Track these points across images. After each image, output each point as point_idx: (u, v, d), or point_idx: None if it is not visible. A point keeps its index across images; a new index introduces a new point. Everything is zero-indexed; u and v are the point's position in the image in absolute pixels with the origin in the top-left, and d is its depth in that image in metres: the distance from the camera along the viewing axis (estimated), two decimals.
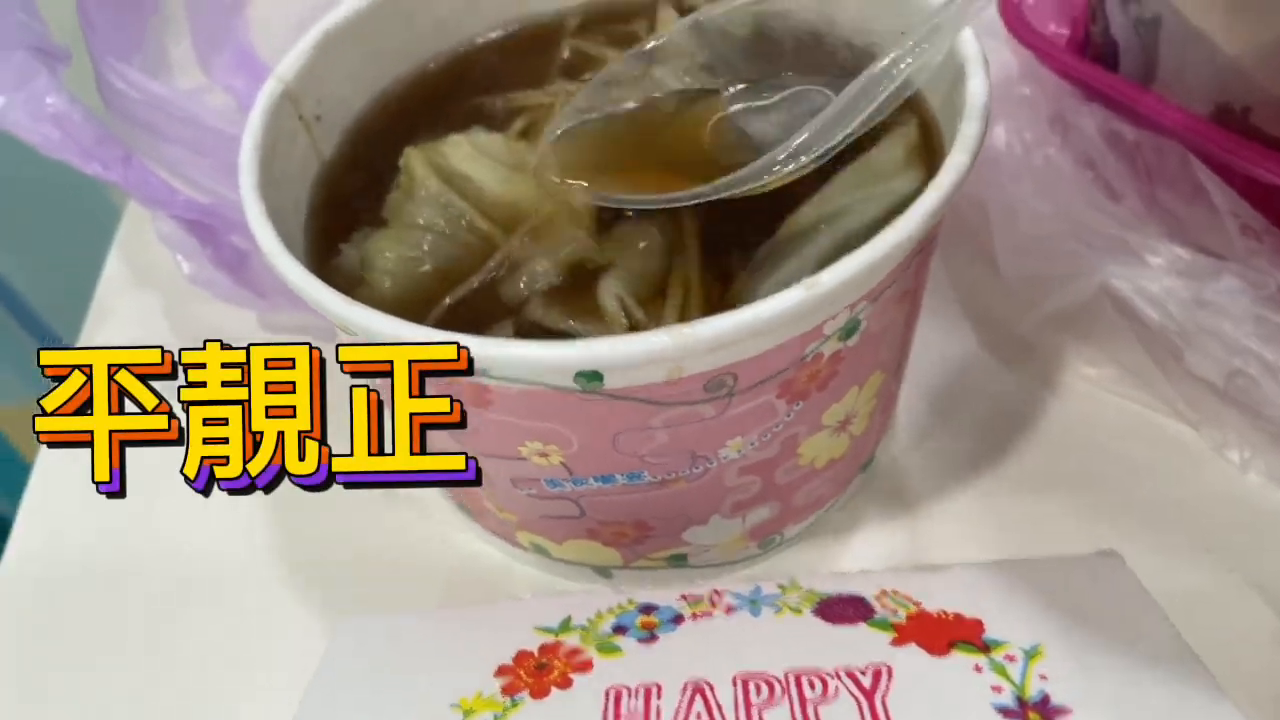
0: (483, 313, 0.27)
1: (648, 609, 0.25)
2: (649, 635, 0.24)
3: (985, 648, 0.22)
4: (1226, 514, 0.31)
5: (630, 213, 0.29)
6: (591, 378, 0.23)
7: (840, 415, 0.28)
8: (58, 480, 0.37)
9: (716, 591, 0.26)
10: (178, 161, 0.38)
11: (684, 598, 0.25)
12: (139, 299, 0.42)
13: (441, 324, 0.27)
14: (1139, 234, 0.32)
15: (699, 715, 0.21)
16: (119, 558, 0.34)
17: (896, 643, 0.23)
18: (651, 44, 0.31)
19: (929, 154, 0.29)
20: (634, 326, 0.26)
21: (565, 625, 0.25)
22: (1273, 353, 0.29)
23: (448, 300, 0.27)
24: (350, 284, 0.28)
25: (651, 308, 0.27)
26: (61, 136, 0.31)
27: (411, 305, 0.28)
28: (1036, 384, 0.35)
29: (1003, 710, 0.20)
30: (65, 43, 0.34)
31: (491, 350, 0.23)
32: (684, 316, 0.26)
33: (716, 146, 0.29)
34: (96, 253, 0.45)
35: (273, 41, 0.43)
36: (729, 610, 0.25)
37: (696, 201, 0.27)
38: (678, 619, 0.25)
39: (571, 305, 0.27)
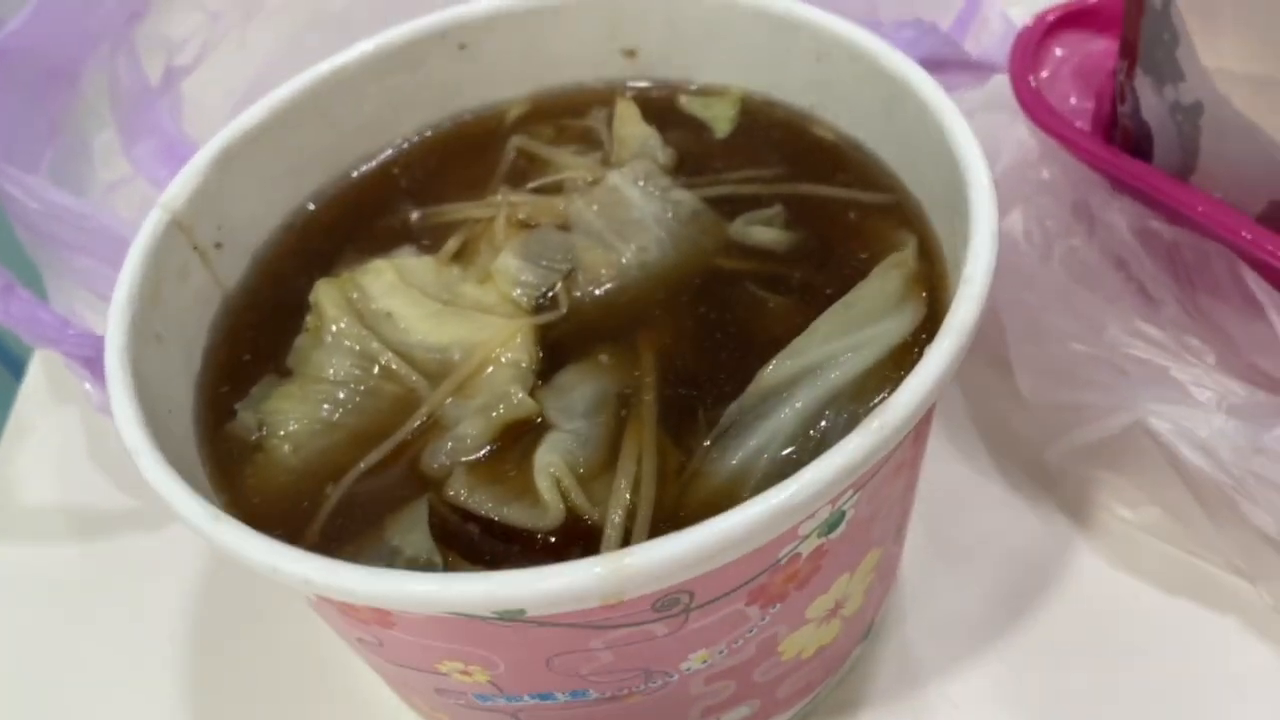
0: (397, 486, 0.23)
1: None
2: None
3: None
4: None
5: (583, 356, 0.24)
6: (510, 613, 0.19)
7: (828, 605, 0.23)
8: None
9: None
10: (88, 274, 0.34)
11: None
12: (57, 418, 0.37)
13: (347, 504, 0.23)
14: (1181, 362, 0.27)
15: None
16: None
17: None
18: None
19: (932, 272, 0.24)
20: (572, 512, 0.22)
21: None
22: None
23: (357, 470, 0.23)
24: (244, 455, 0.24)
25: (596, 485, 0.22)
26: None
27: (314, 477, 0.23)
28: (1065, 522, 0.30)
29: None
30: None
31: (383, 587, 0.18)
32: (635, 497, 0.22)
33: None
34: None
35: (208, 123, 0.39)
36: None
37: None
38: None
39: (503, 482, 0.22)
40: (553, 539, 0.21)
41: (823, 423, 0.22)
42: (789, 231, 0.26)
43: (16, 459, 0.37)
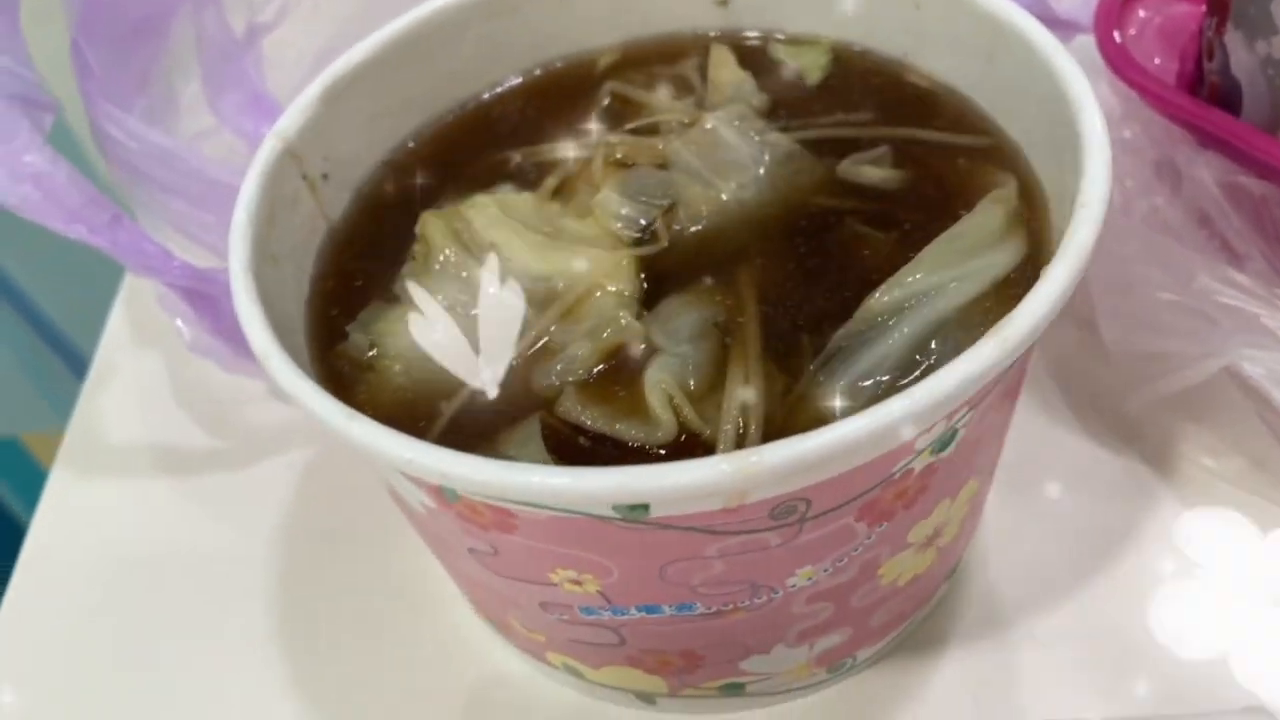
0: (509, 406, 0.23)
1: None
2: None
3: None
4: None
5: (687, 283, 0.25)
6: (635, 509, 0.19)
7: (928, 531, 0.24)
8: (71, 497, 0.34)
9: None
10: (181, 216, 0.35)
11: None
12: (141, 360, 0.38)
13: (459, 422, 0.23)
14: (1272, 309, 0.27)
15: None
16: (98, 650, 0.31)
17: None
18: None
19: (1031, 215, 0.25)
20: (685, 429, 0.22)
21: None
22: None
23: (470, 391, 0.24)
24: (358, 370, 0.24)
25: (705, 405, 0.23)
26: (42, 198, 0.28)
27: (426, 396, 0.24)
28: (1148, 472, 0.30)
29: None
30: (54, 93, 0.31)
31: (516, 478, 0.19)
32: (744, 416, 0.22)
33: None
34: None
35: (285, 81, 0.40)
36: None
37: None
38: None
39: (612, 401, 0.23)
40: (663, 453, 0.22)
41: (931, 349, 0.22)
42: (897, 171, 0.26)
43: (101, 401, 0.38)
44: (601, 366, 0.23)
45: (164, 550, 0.33)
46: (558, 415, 0.23)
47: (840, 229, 0.26)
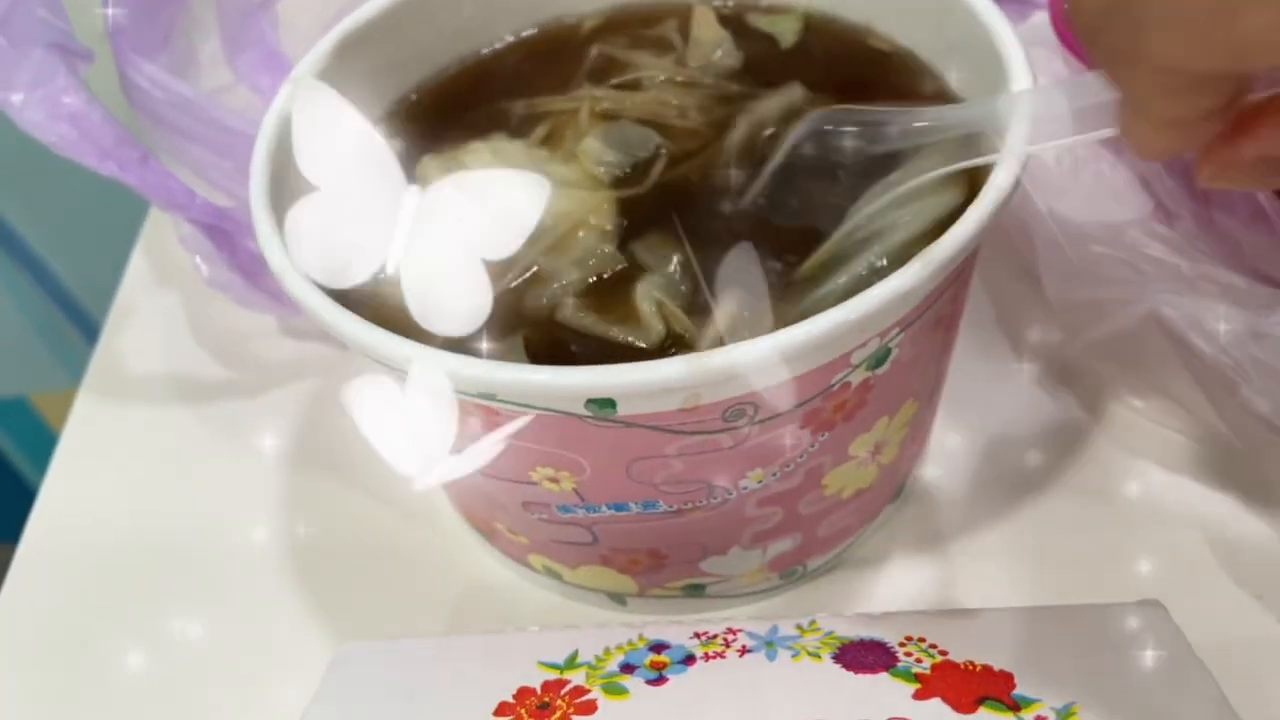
0: (498, 322, 0.26)
1: (658, 647, 0.24)
2: (658, 676, 0.23)
3: (1015, 706, 0.21)
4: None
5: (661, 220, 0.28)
6: (604, 405, 0.22)
7: (869, 445, 0.26)
8: (82, 460, 0.37)
9: (731, 630, 0.24)
10: (200, 163, 0.37)
11: (697, 635, 0.24)
12: (161, 299, 0.41)
13: (450, 343, 0.26)
14: (1192, 260, 0.30)
15: None
16: (134, 544, 0.34)
17: (920, 695, 0.21)
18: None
19: (972, 177, 0.27)
20: (672, 332, 0.25)
21: (571, 661, 0.24)
22: None
23: None
24: (364, 296, 0.27)
25: (689, 318, 0.25)
26: (78, 136, 0.31)
27: None
28: (1081, 412, 0.33)
29: None
30: (89, 43, 0.34)
31: (500, 375, 0.22)
32: (719, 332, 0.25)
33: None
34: (129, 227, 0.44)
35: (298, 41, 0.43)
36: (743, 651, 0.24)
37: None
38: (689, 659, 0.23)
39: (606, 310, 0.26)
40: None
41: (876, 277, 0.25)
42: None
43: (122, 337, 0.41)
44: (591, 284, 0.26)
45: (180, 469, 0.36)
46: (556, 322, 0.25)
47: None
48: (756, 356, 0.21)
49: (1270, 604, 0.28)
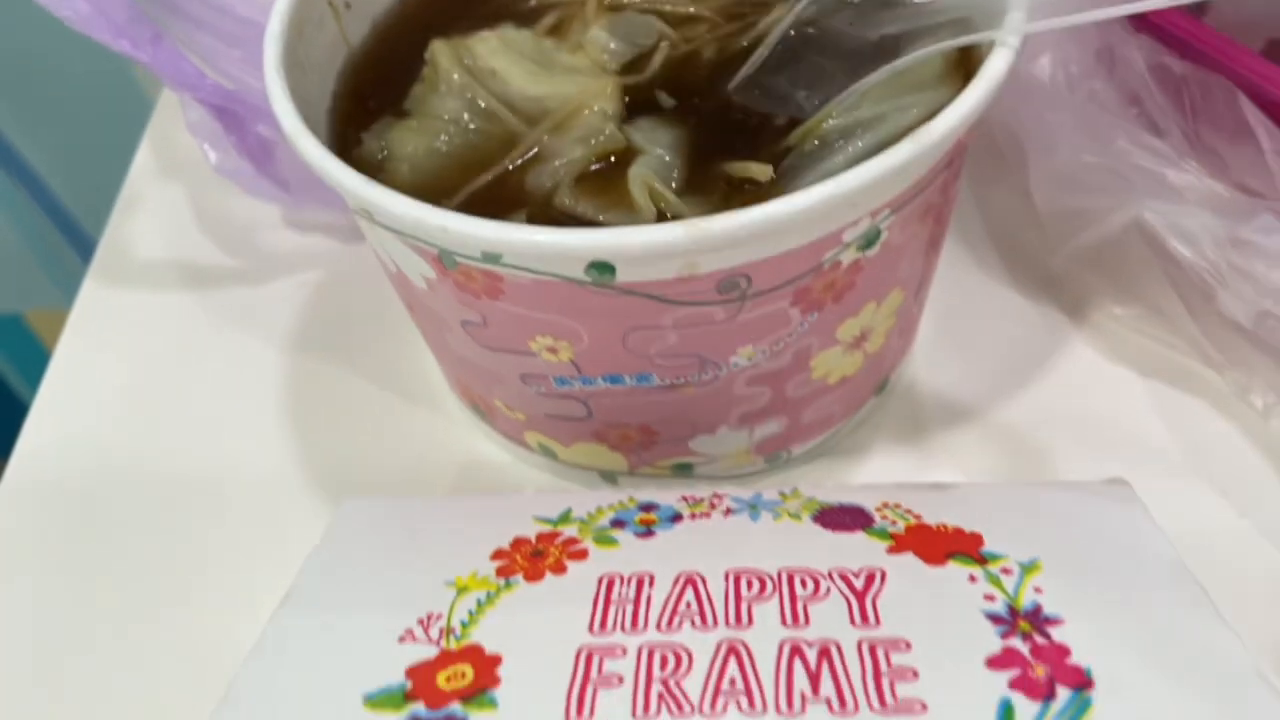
0: (501, 203, 0.27)
1: (647, 507, 0.25)
2: (646, 530, 0.24)
3: (982, 560, 0.22)
4: (1245, 459, 0.30)
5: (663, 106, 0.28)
6: (603, 270, 0.23)
7: (856, 331, 0.27)
8: (89, 338, 0.37)
9: (717, 494, 0.26)
10: (209, 50, 0.38)
11: (684, 499, 0.25)
12: (167, 190, 0.42)
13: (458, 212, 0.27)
14: (1178, 169, 0.31)
15: (689, 604, 0.21)
16: (137, 422, 0.35)
17: (893, 550, 0.22)
18: None
19: (969, 67, 0.28)
20: (663, 215, 0.26)
21: (565, 517, 0.25)
22: None
23: (467, 190, 0.27)
24: (370, 172, 0.28)
25: (681, 201, 0.26)
26: (92, 11, 0.31)
27: (429, 194, 0.27)
28: (1063, 319, 0.34)
29: (993, 617, 0.20)
30: None
31: (507, 235, 0.22)
32: (712, 211, 0.26)
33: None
34: (126, 147, 0.45)
35: None
36: (727, 513, 0.25)
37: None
38: (676, 518, 0.25)
39: (601, 195, 0.27)
40: None
41: None
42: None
43: (129, 225, 0.41)
44: (592, 167, 0.27)
45: (184, 352, 0.37)
46: (552, 206, 0.26)
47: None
48: (752, 223, 0.22)
49: (1234, 499, 0.30)
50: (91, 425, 0.35)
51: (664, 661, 0.20)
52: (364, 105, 0.30)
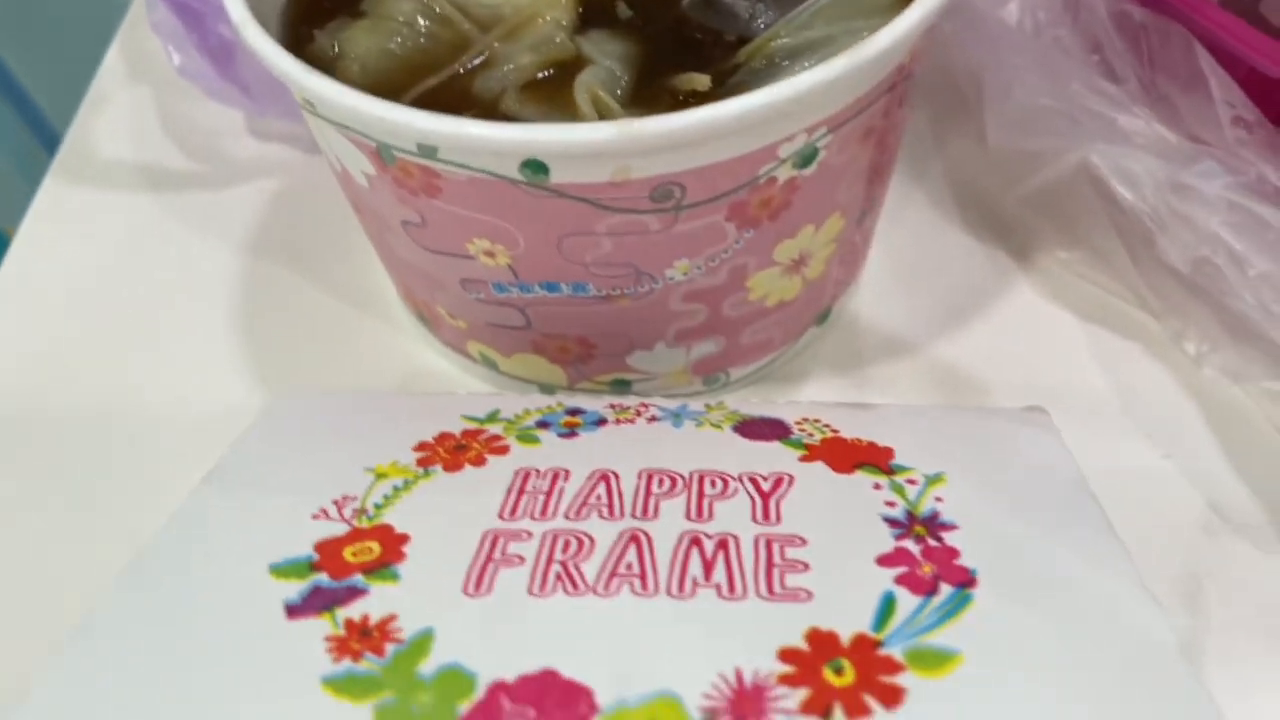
0: (448, 106, 0.27)
1: (574, 411, 0.26)
2: (570, 432, 0.24)
3: (889, 471, 0.22)
4: (1175, 404, 0.31)
5: (617, 18, 0.28)
6: (537, 169, 0.23)
7: (793, 253, 0.28)
8: (48, 232, 0.37)
9: (644, 404, 0.26)
10: None
11: (611, 405, 0.26)
12: (133, 93, 0.42)
13: None
14: (1129, 115, 0.31)
15: (599, 497, 0.22)
16: (95, 314, 0.35)
17: (804, 459, 0.23)
18: None
19: None
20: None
21: (492, 416, 0.25)
22: (1241, 243, 0.29)
23: (415, 90, 0.27)
24: (322, 66, 0.28)
25: (626, 110, 0.26)
26: None
27: (379, 94, 0.27)
28: (1009, 261, 0.34)
29: (890, 521, 0.21)
30: None
31: (440, 126, 0.23)
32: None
33: None
34: (96, 49, 0.45)
35: None
36: (652, 420, 0.25)
37: None
38: (601, 422, 0.25)
39: (546, 102, 0.27)
40: None
41: None
42: None
43: (93, 125, 0.41)
44: (539, 75, 0.27)
45: (140, 254, 0.37)
46: (500, 111, 0.26)
47: None
48: (685, 126, 0.22)
49: (1159, 441, 0.30)
50: (43, 318, 0.35)
51: (566, 546, 0.20)
52: (319, 4, 0.30)
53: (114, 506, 0.30)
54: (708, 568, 0.19)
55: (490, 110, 0.27)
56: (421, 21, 0.29)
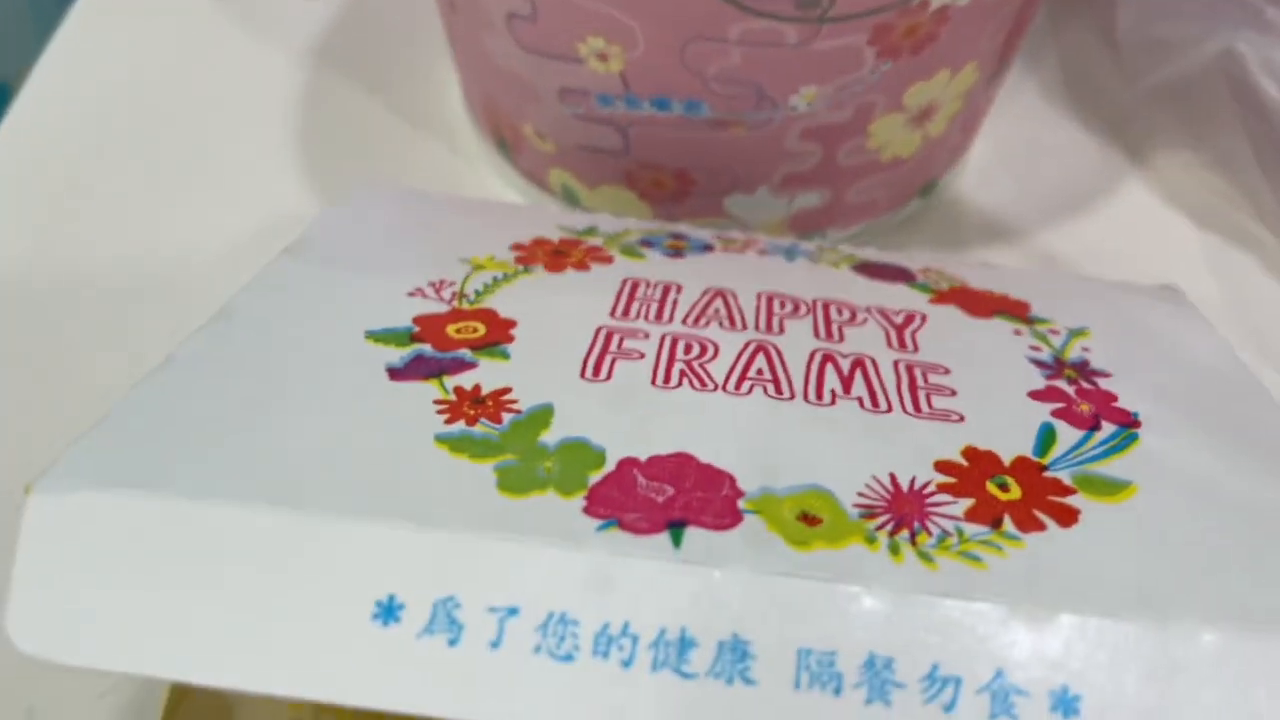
0: None
1: (677, 235, 0.24)
2: (675, 253, 0.23)
3: (1029, 320, 0.21)
4: None
5: None
6: None
7: (923, 100, 0.26)
8: (71, 65, 0.35)
9: (751, 238, 0.24)
10: None
11: (718, 236, 0.24)
12: None
13: None
14: (1275, 5, 0.29)
15: (716, 311, 0.20)
16: (142, 116, 0.33)
17: (934, 301, 0.21)
18: None
19: None
20: None
21: (590, 230, 0.23)
22: None
23: None
24: None
25: None
26: None
27: None
28: (1122, 159, 0.32)
29: (1038, 363, 0.19)
30: None
31: None
32: None
33: None
34: None
35: None
36: (762, 253, 0.23)
37: None
38: (708, 248, 0.23)
39: None
40: None
41: None
42: None
43: None
44: None
45: (193, 54, 0.35)
46: None
47: None
48: None
49: (1269, 358, 0.28)
50: (89, 109, 0.33)
51: (688, 348, 0.18)
52: None
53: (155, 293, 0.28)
54: (845, 383, 0.18)
55: None
56: None
